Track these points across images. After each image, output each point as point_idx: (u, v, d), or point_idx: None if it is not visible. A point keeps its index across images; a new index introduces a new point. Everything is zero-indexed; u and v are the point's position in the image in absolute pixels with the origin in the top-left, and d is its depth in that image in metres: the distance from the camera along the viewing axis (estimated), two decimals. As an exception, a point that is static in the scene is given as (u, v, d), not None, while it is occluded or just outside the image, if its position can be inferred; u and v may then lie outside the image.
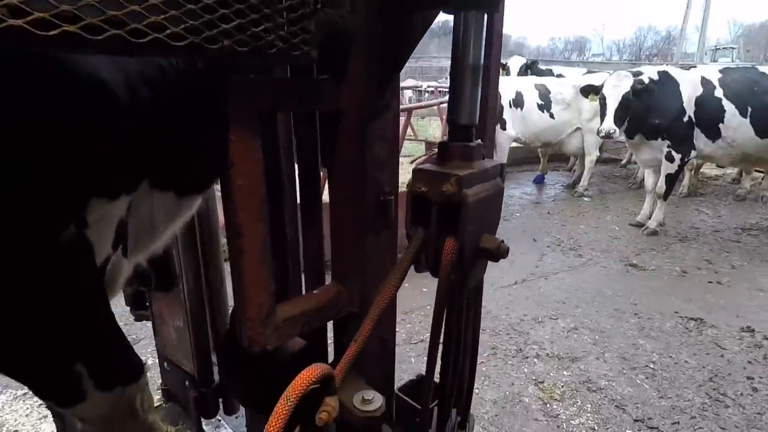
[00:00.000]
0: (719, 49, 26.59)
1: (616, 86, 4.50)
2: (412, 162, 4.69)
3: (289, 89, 0.74)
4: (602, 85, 4.68)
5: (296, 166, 0.97)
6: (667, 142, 4.56)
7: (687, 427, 2.27)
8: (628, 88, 4.43)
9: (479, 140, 0.77)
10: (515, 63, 8.63)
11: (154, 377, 1.89)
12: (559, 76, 7.57)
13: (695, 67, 4.96)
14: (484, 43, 0.73)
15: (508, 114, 6.07)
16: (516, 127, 6.14)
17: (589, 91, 5.04)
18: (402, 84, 7.38)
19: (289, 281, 1.00)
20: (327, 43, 0.70)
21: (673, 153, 4.55)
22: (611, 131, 4.50)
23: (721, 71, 4.69)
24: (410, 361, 2.68)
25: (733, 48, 27.71)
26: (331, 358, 0.98)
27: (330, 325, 0.94)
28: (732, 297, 3.56)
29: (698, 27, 23.78)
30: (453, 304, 0.84)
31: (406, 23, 0.75)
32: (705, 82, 4.51)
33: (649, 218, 5.00)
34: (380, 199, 0.82)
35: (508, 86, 6.21)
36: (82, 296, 0.78)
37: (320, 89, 0.78)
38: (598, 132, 4.68)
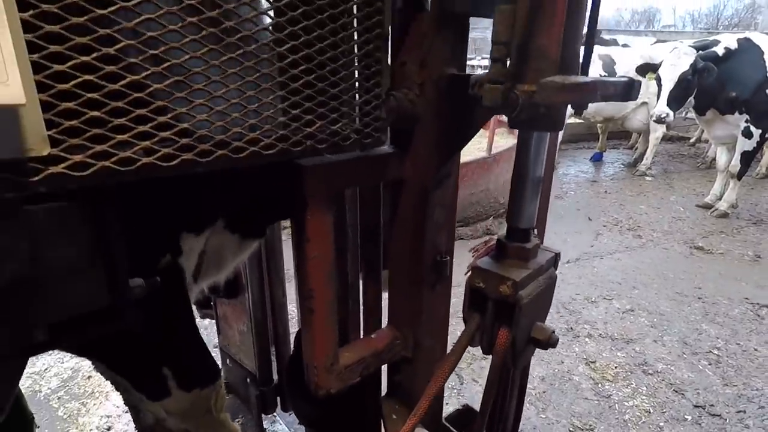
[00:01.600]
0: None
1: (674, 65, 4.13)
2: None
3: (358, 167, 0.79)
4: (660, 64, 4.31)
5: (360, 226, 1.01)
6: (746, 117, 4.16)
7: (754, 417, 2.13)
8: (687, 67, 4.05)
9: (537, 241, 0.82)
10: None
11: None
12: (625, 46, 7.06)
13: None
14: (545, 156, 0.77)
15: (565, 87, 5.76)
16: (574, 101, 5.82)
17: (646, 69, 4.58)
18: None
19: (350, 326, 1.07)
20: (396, 123, 0.78)
21: (752, 128, 4.15)
22: (663, 115, 4.19)
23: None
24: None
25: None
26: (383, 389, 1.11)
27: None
28: (813, 285, 3.26)
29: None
30: (502, 380, 0.94)
31: (470, 106, 0.78)
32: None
33: (719, 199, 4.63)
34: (437, 259, 0.90)
35: (567, 57, 5.88)
36: (176, 313, 0.93)
37: (387, 163, 0.83)
38: (651, 116, 4.37)
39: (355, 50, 0.69)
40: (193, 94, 0.56)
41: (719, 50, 4.15)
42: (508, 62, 0.62)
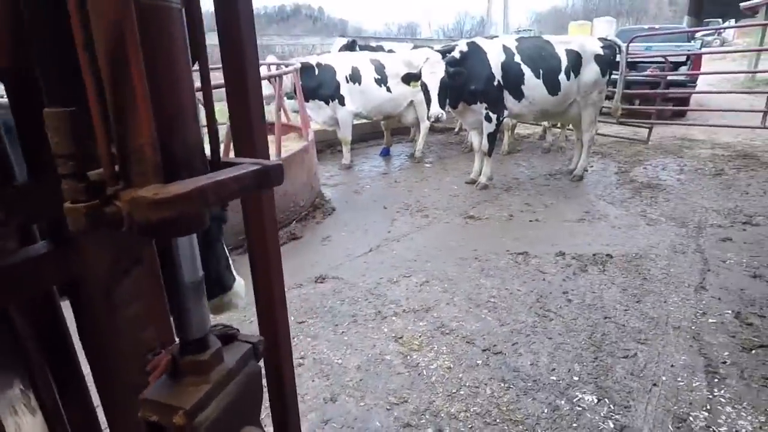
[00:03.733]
0: (521, 31, 31.24)
1: (433, 73, 4.79)
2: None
3: None
4: (420, 73, 4.92)
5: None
6: (485, 105, 5.08)
7: (523, 345, 2.57)
8: (443, 73, 4.77)
9: (216, 346, 0.65)
10: (338, 43, 8.79)
11: None
12: (390, 51, 7.90)
13: (497, 36, 5.60)
14: (197, 256, 0.61)
15: (345, 89, 6.11)
16: (356, 102, 6.23)
17: (410, 79, 5.16)
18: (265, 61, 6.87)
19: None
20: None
21: (490, 114, 5.10)
22: (439, 115, 4.83)
23: (516, 40, 5.38)
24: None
25: (530, 30, 32.65)
26: None
27: None
28: (547, 230, 4.17)
29: (503, 12, 27.33)
30: None
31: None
32: (506, 50, 5.12)
33: (479, 175, 5.56)
34: (148, 357, 0.71)
35: (343, 62, 6.24)
36: None
37: (35, 269, 0.60)
38: (428, 117, 4.97)
39: None
40: None
41: (456, 53, 4.96)
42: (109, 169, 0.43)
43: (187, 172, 0.44)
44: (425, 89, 4.89)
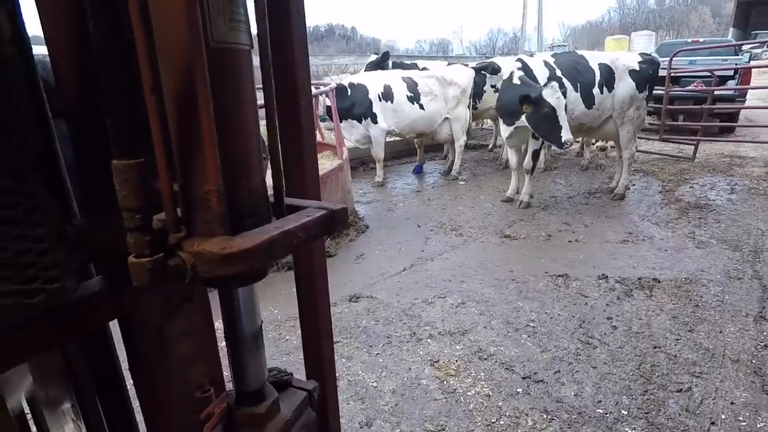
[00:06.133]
0: (555, 46, 30.92)
1: (558, 97, 4.38)
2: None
3: (37, 330, 0.55)
4: (540, 96, 4.46)
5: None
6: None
7: (566, 374, 2.45)
8: (564, 98, 4.43)
9: (273, 397, 0.64)
10: (369, 60, 8.89)
11: None
12: (424, 69, 7.94)
13: (533, 54, 5.53)
14: (257, 305, 0.61)
15: (378, 107, 6.16)
16: (388, 119, 6.26)
17: (524, 101, 4.54)
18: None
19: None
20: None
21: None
22: (571, 141, 4.44)
23: (552, 56, 5.30)
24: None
25: (564, 45, 32.26)
26: None
27: None
28: (588, 251, 4.01)
29: (536, 28, 27.15)
30: None
31: None
32: (547, 65, 5.05)
33: (517, 193, 5.45)
34: (197, 396, 0.70)
35: (375, 80, 6.31)
36: None
37: (90, 307, 0.60)
38: (565, 142, 4.45)
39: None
40: None
41: (514, 71, 4.85)
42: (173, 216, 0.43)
43: (252, 220, 0.42)
44: (551, 114, 4.40)
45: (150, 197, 0.39)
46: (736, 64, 8.76)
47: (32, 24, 0.52)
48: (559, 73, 5.00)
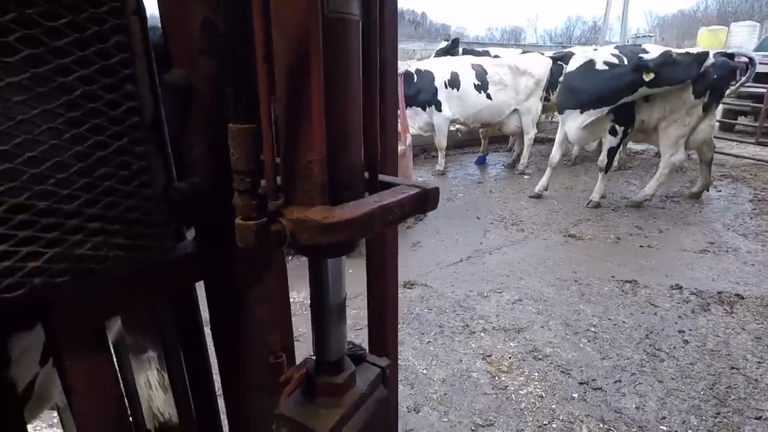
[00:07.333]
0: (639, 37, 28.51)
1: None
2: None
3: (135, 284, 0.59)
4: (651, 63, 4.29)
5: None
6: (611, 116, 4.70)
7: (628, 384, 2.31)
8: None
9: (350, 370, 0.66)
10: (439, 47, 8.66)
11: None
12: (496, 56, 7.67)
13: (596, 48, 5.18)
14: (344, 277, 0.62)
15: (443, 95, 6.05)
16: (453, 108, 6.14)
17: (642, 69, 4.35)
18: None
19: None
20: (187, 220, 0.63)
21: (617, 126, 4.71)
22: None
23: (615, 47, 4.94)
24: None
25: (651, 36, 29.76)
26: None
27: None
28: (661, 258, 3.74)
29: (620, 17, 25.23)
30: None
31: None
32: (618, 57, 4.70)
33: (545, 189, 5.28)
34: (270, 361, 0.74)
35: (443, 67, 6.19)
36: None
37: (181, 267, 0.65)
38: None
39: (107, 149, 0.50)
40: None
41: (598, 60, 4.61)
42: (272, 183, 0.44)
43: (348, 192, 0.43)
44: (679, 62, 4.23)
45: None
46: None
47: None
48: (626, 61, 4.64)
